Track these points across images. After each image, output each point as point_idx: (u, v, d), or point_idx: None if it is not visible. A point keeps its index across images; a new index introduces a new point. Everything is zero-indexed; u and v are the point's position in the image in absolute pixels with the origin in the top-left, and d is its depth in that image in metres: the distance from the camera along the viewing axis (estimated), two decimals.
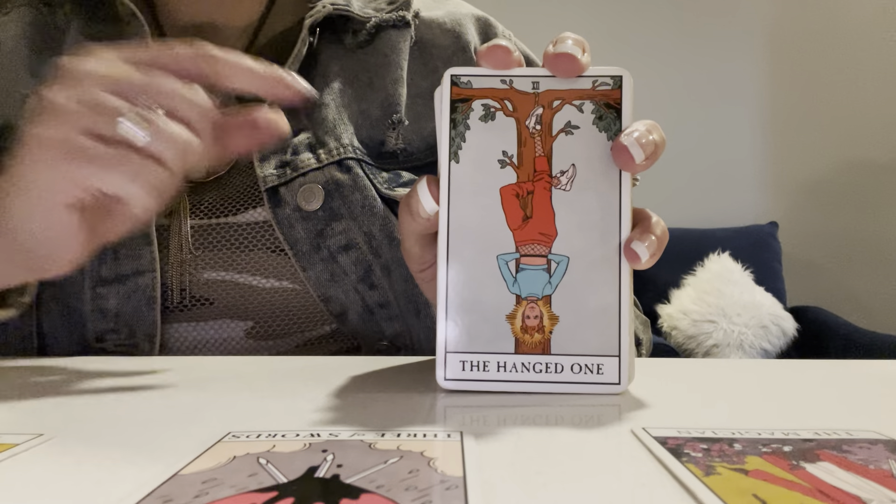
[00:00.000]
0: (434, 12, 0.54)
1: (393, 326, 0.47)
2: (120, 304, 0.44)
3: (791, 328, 1.98)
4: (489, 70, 0.31)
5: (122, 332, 0.44)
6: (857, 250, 2.40)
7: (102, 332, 0.44)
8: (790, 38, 2.42)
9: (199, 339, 0.45)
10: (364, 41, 0.51)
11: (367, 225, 0.46)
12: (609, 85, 0.30)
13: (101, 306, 0.44)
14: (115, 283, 0.44)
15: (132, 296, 0.44)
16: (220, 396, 0.30)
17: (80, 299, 0.44)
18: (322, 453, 0.22)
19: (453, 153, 0.31)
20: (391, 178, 0.48)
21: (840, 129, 2.41)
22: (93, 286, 0.44)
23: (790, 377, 0.36)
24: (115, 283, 0.44)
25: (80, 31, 0.48)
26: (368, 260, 0.46)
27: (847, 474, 0.20)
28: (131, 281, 0.44)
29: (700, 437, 0.23)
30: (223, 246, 0.45)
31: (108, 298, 0.44)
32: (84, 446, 0.23)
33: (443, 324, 0.30)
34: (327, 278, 0.45)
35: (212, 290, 0.45)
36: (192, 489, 0.19)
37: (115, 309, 0.44)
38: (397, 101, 0.49)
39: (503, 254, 0.30)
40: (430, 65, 0.52)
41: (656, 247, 0.30)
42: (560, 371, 0.30)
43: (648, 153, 0.29)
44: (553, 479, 0.20)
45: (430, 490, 0.18)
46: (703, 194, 2.41)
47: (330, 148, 0.46)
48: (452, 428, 0.25)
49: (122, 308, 0.44)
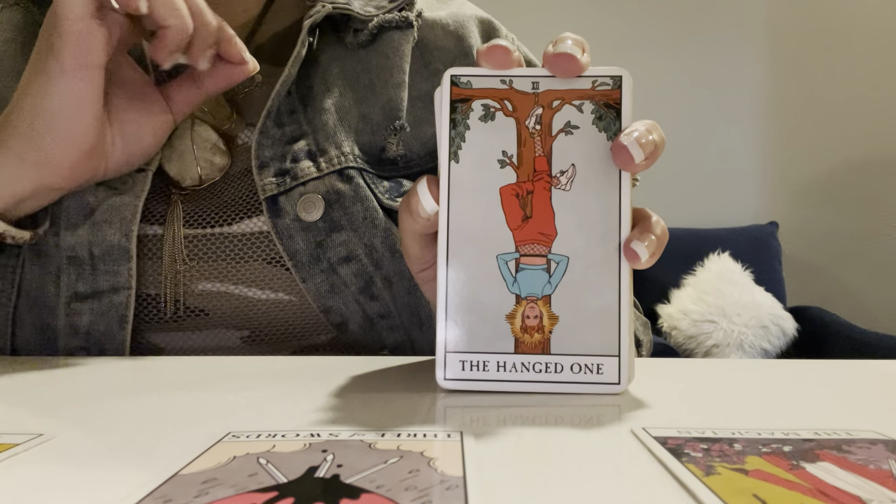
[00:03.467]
0: (437, 13, 0.53)
1: (394, 336, 0.46)
2: (93, 321, 0.43)
3: (791, 328, 1.98)
4: (489, 70, 0.31)
5: (91, 351, 0.43)
6: (857, 250, 2.40)
7: (73, 348, 0.43)
8: (790, 38, 2.42)
9: (194, 347, 0.45)
10: (366, 41, 0.49)
11: (368, 237, 0.45)
12: (609, 85, 0.30)
13: (74, 323, 0.43)
14: (90, 300, 0.43)
15: (105, 314, 0.43)
16: (220, 396, 0.30)
17: (55, 314, 0.43)
18: (322, 453, 0.22)
19: (453, 153, 0.31)
20: (392, 187, 0.47)
21: (840, 129, 2.41)
22: (67, 301, 0.43)
23: (790, 377, 0.36)
24: (89, 299, 0.43)
25: None
26: (369, 272, 0.45)
27: (847, 474, 0.20)
28: (106, 298, 0.43)
29: (700, 437, 0.23)
30: (218, 257, 0.44)
31: (81, 315, 0.43)
32: (84, 446, 0.23)
33: (442, 324, 0.30)
34: (327, 290, 0.44)
35: (207, 302, 0.44)
36: (192, 489, 0.19)
37: (87, 326, 0.43)
38: (399, 107, 0.48)
39: (503, 254, 0.30)
40: (432, 67, 0.51)
41: (656, 246, 0.30)
42: (560, 371, 0.30)
43: (648, 153, 0.29)
44: (553, 479, 0.20)
45: (430, 490, 0.18)
46: (703, 194, 2.41)
47: (330, 156, 0.45)
48: (452, 428, 0.25)
49: (94, 326, 0.43)
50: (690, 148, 2.39)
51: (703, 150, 2.42)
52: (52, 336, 0.43)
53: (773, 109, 2.44)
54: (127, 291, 0.43)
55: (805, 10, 2.42)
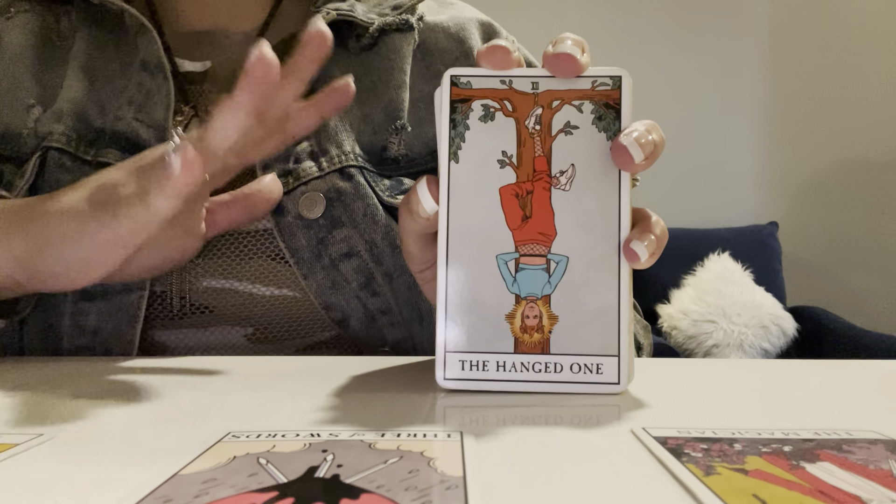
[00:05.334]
0: (438, 17, 0.54)
1: (395, 333, 0.47)
2: (100, 321, 0.43)
3: (791, 328, 1.98)
4: (489, 70, 0.31)
5: (97, 350, 0.43)
6: (857, 250, 2.40)
7: (77, 348, 0.43)
8: (790, 38, 2.42)
9: (199, 344, 0.45)
10: (367, 45, 0.50)
11: (368, 233, 0.45)
12: (608, 85, 0.30)
13: (80, 322, 0.43)
14: (99, 300, 0.43)
15: (115, 313, 0.43)
16: (220, 396, 0.30)
17: (60, 313, 0.43)
18: (322, 453, 0.22)
19: (453, 153, 0.31)
20: (393, 185, 0.47)
21: (840, 129, 2.41)
22: (75, 301, 0.43)
23: (790, 377, 0.36)
24: (98, 298, 0.43)
25: (86, 39, 0.48)
26: (370, 268, 0.45)
27: (847, 474, 0.20)
28: (116, 298, 0.43)
29: (700, 437, 0.23)
30: (223, 254, 0.45)
31: (88, 314, 0.43)
32: (84, 446, 0.23)
33: (442, 323, 0.30)
34: (328, 286, 0.45)
35: (212, 298, 0.45)
36: (192, 489, 0.19)
37: (94, 326, 0.43)
38: (400, 107, 0.49)
39: (502, 253, 0.30)
40: (433, 69, 0.51)
41: (656, 246, 0.30)
42: (559, 371, 0.30)
43: (648, 153, 0.29)
44: (553, 479, 0.20)
45: (430, 490, 0.18)
46: (703, 194, 2.41)
47: (332, 155, 0.46)
48: (452, 428, 0.25)
49: (101, 325, 0.43)
50: (690, 148, 2.39)
51: (703, 151, 2.42)
52: (58, 335, 0.43)
53: (774, 109, 2.44)
54: (140, 292, 0.43)
55: (805, 11, 2.42)
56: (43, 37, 0.49)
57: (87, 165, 0.44)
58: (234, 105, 0.32)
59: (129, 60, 0.47)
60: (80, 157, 0.44)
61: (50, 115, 0.45)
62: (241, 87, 0.32)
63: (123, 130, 0.45)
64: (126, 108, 0.46)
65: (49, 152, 0.44)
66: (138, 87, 0.46)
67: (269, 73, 0.32)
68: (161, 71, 0.46)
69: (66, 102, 0.46)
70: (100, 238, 0.34)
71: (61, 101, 0.46)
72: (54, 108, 0.46)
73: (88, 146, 0.45)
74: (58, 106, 0.46)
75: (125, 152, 0.44)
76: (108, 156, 0.44)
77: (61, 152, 0.44)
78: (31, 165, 0.44)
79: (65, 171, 0.44)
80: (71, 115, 0.45)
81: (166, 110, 0.45)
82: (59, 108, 0.46)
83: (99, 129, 0.45)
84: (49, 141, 0.44)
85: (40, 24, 0.49)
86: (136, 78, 0.46)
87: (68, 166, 0.44)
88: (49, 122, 0.45)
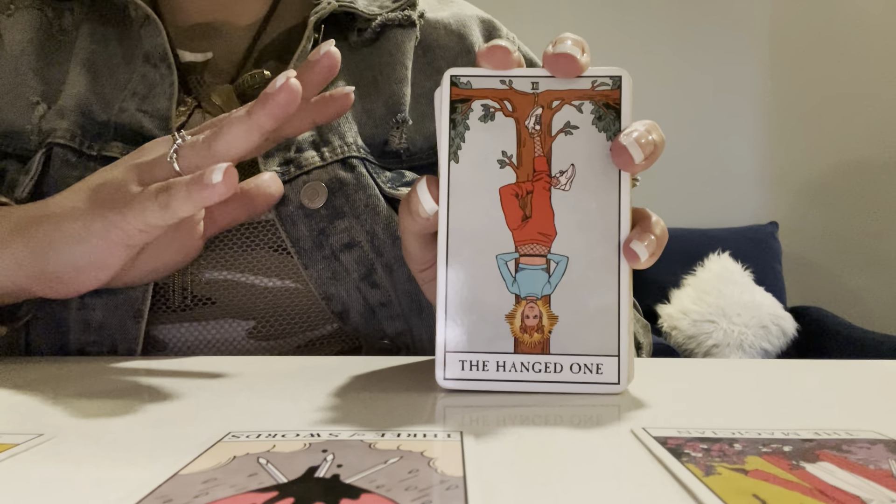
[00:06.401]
0: (439, 14, 0.54)
1: (395, 325, 0.47)
2: (106, 315, 0.43)
3: (791, 328, 1.98)
4: (489, 70, 0.31)
5: (104, 345, 0.43)
6: (857, 250, 2.40)
7: (84, 343, 0.43)
8: (790, 38, 2.42)
9: (201, 339, 0.45)
10: (369, 39, 0.51)
11: (369, 224, 0.46)
12: (608, 85, 0.30)
13: (86, 317, 0.43)
14: (105, 294, 0.43)
15: (119, 307, 0.43)
16: (220, 396, 0.30)
17: (67, 308, 0.43)
18: (322, 453, 0.22)
19: (453, 153, 0.31)
20: (394, 177, 0.48)
21: (840, 129, 2.41)
22: (81, 296, 0.43)
23: (790, 377, 0.36)
24: (104, 293, 0.43)
25: (89, 34, 0.48)
26: (371, 259, 0.46)
27: (847, 474, 0.20)
28: (122, 293, 0.43)
29: (700, 437, 0.23)
30: (225, 246, 0.45)
31: (94, 309, 0.43)
32: (84, 446, 0.23)
33: (442, 323, 0.30)
34: (329, 276, 0.45)
35: (213, 290, 0.45)
36: (192, 489, 0.19)
37: (100, 321, 0.43)
38: (401, 101, 0.49)
39: (502, 253, 0.30)
40: (435, 65, 0.52)
41: (655, 246, 0.30)
42: (559, 371, 0.30)
43: (647, 153, 0.29)
44: (553, 479, 0.20)
45: (430, 490, 0.18)
46: (703, 194, 2.41)
47: (334, 146, 0.46)
48: (452, 428, 0.25)
49: (106, 320, 0.43)
50: (691, 148, 2.39)
51: (703, 150, 2.42)
52: (64, 330, 0.44)
53: (774, 109, 2.44)
54: (144, 286, 0.43)
55: (805, 11, 2.42)
56: (45, 33, 0.49)
57: (92, 160, 0.44)
58: (250, 123, 0.33)
59: (131, 53, 0.48)
60: (84, 152, 0.44)
61: (54, 112, 0.46)
62: (261, 108, 0.33)
63: (127, 122, 0.45)
64: (130, 100, 0.46)
65: (54, 149, 0.44)
66: (142, 78, 0.46)
67: (291, 102, 0.33)
68: (164, 62, 0.46)
69: (70, 98, 0.46)
70: (107, 237, 0.34)
71: (65, 98, 0.46)
72: (58, 104, 0.46)
73: (93, 141, 0.45)
74: (62, 102, 0.46)
75: (129, 144, 0.45)
76: (113, 149, 0.45)
77: (66, 148, 0.44)
78: (35, 162, 0.44)
79: (70, 167, 0.44)
80: (75, 111, 0.45)
81: (169, 101, 0.45)
82: (63, 104, 0.46)
83: (103, 122, 0.46)
84: (53, 137, 0.44)
85: (42, 21, 0.49)
86: (139, 70, 0.47)
87: (73, 162, 0.44)
88: (53, 118, 0.45)
